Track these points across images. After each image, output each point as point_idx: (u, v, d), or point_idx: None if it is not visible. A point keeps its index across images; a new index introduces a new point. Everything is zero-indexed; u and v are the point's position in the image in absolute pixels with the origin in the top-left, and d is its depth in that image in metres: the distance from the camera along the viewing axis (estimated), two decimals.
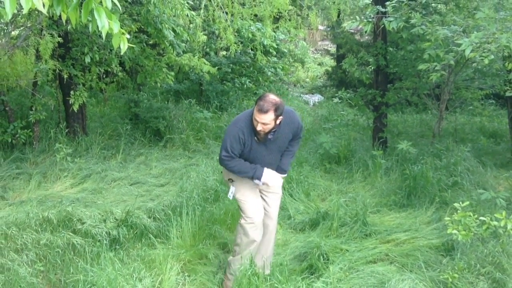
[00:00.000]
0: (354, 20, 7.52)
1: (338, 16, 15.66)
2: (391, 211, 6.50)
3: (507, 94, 8.02)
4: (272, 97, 4.24)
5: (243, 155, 4.43)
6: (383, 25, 7.39)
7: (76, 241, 5.02)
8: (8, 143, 8.57)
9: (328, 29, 20.73)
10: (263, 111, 4.17)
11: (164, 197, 6.83)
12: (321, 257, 4.98)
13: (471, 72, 9.79)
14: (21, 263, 4.61)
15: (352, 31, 15.82)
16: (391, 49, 9.80)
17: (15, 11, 2.48)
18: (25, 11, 2.38)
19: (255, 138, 4.35)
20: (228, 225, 5.63)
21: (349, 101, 10.88)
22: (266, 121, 4.20)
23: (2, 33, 8.84)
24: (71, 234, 5.15)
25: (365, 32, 7.54)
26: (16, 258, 4.67)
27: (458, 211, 4.68)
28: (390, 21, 6.93)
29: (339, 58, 18.93)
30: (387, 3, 7.34)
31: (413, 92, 10.07)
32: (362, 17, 7.66)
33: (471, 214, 4.62)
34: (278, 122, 4.29)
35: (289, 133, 4.52)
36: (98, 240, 5.16)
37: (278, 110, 4.21)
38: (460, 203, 4.78)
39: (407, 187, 6.91)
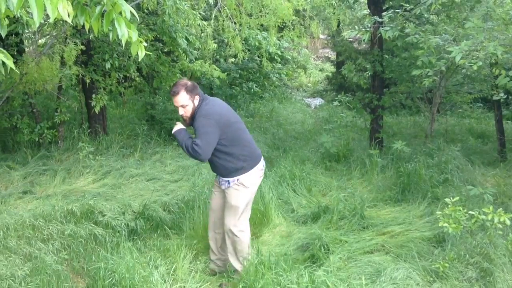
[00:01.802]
0: (353, 30, 7.53)
1: (338, 26, 15.63)
2: (387, 206, 6.48)
3: (494, 98, 8.01)
4: (183, 81, 4.24)
5: None
6: (379, 34, 7.38)
7: (98, 232, 5.04)
8: (36, 142, 8.60)
9: (329, 37, 20.72)
10: (175, 93, 4.16)
11: (178, 192, 6.84)
12: (322, 247, 4.97)
13: (461, 77, 9.78)
14: (47, 251, 4.62)
15: (351, 39, 15.77)
16: (387, 56, 9.79)
17: (42, 21, 2.49)
18: (51, 20, 2.39)
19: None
20: None
21: (348, 104, 10.85)
22: (182, 102, 4.18)
23: (30, 41, 8.89)
24: (93, 225, 5.16)
25: (363, 40, 7.53)
26: (42, 247, 4.68)
27: (449, 206, 4.68)
28: (386, 31, 6.91)
29: (338, 64, 18.89)
30: (384, 13, 7.33)
31: (407, 96, 10.07)
32: (360, 27, 7.66)
33: (461, 209, 4.62)
34: (196, 102, 4.22)
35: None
36: (117, 231, 5.17)
37: (188, 88, 4.16)
38: (451, 198, 4.78)
39: (402, 184, 6.89)
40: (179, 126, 4.32)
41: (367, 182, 7.49)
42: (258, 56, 14.10)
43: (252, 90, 14.86)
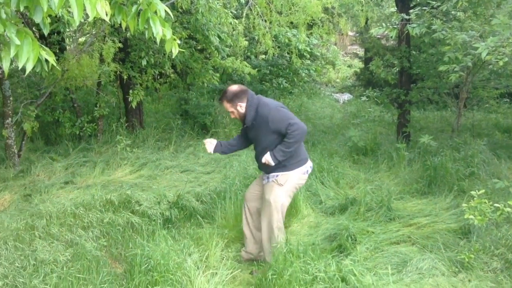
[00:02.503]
0: (380, 27, 7.44)
1: (366, 23, 15.48)
2: (413, 198, 6.41)
3: None
4: (230, 87, 4.36)
5: None
6: (407, 31, 7.29)
7: (134, 220, 5.11)
8: (76, 135, 8.78)
9: (357, 34, 20.50)
10: (219, 101, 4.41)
11: (210, 183, 6.89)
12: (349, 238, 4.95)
13: (487, 73, 9.58)
14: (87, 238, 4.71)
15: (379, 36, 15.58)
16: (414, 52, 9.66)
17: (82, 20, 2.55)
18: (90, 19, 2.44)
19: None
20: None
21: (375, 99, 10.76)
22: (227, 109, 4.36)
23: (71, 40, 9.05)
24: (130, 214, 5.24)
25: (391, 37, 7.45)
26: (83, 234, 4.77)
27: (475, 198, 4.61)
28: (414, 27, 6.82)
29: (366, 60, 18.69)
30: (411, 11, 7.23)
31: (434, 91, 9.92)
32: (388, 24, 7.56)
33: (486, 201, 4.54)
34: (242, 110, 4.29)
35: (263, 124, 4.23)
36: (153, 219, 5.24)
37: (228, 98, 4.28)
38: (477, 191, 4.70)
39: (428, 177, 6.80)
40: (268, 157, 4.27)
41: (394, 175, 7.42)
42: (288, 53, 14.07)
43: (281, 85, 14.84)
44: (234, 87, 4.33)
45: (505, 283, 4.12)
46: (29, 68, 2.45)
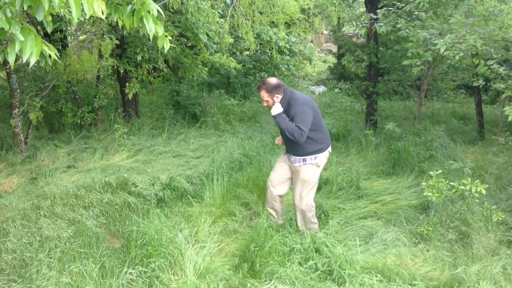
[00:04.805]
0: (351, 25, 7.43)
1: (338, 22, 15.49)
2: (379, 178, 6.48)
3: (474, 84, 7.91)
4: (269, 79, 4.27)
5: None
6: (374, 29, 7.29)
7: (131, 200, 5.10)
8: (78, 124, 8.67)
9: (331, 33, 20.51)
10: (258, 90, 4.25)
11: (199, 166, 6.87)
12: (323, 214, 5.01)
13: (445, 67, 9.70)
14: (88, 217, 4.69)
15: (350, 34, 15.57)
16: (381, 48, 9.71)
17: (82, 19, 2.53)
18: (87, 16, 2.41)
19: None
20: (250, 189, 5.64)
21: (347, 91, 10.84)
22: (263, 97, 4.23)
23: (72, 37, 8.92)
24: (127, 194, 5.22)
25: (360, 35, 7.45)
26: (84, 213, 4.75)
27: (433, 178, 4.68)
28: (381, 26, 6.83)
29: (339, 56, 18.71)
30: (378, 11, 7.24)
31: (398, 83, 10.00)
32: (358, 23, 7.56)
33: (443, 180, 4.62)
34: (278, 100, 4.21)
35: (290, 116, 4.21)
36: (148, 199, 5.23)
37: (268, 88, 4.18)
38: (435, 171, 4.78)
39: (393, 159, 6.87)
40: (278, 107, 4.22)
41: (362, 158, 7.48)
42: (269, 49, 14.02)
43: (264, 79, 14.78)
44: (273, 80, 4.26)
45: (459, 252, 4.21)
46: (32, 62, 2.43)
